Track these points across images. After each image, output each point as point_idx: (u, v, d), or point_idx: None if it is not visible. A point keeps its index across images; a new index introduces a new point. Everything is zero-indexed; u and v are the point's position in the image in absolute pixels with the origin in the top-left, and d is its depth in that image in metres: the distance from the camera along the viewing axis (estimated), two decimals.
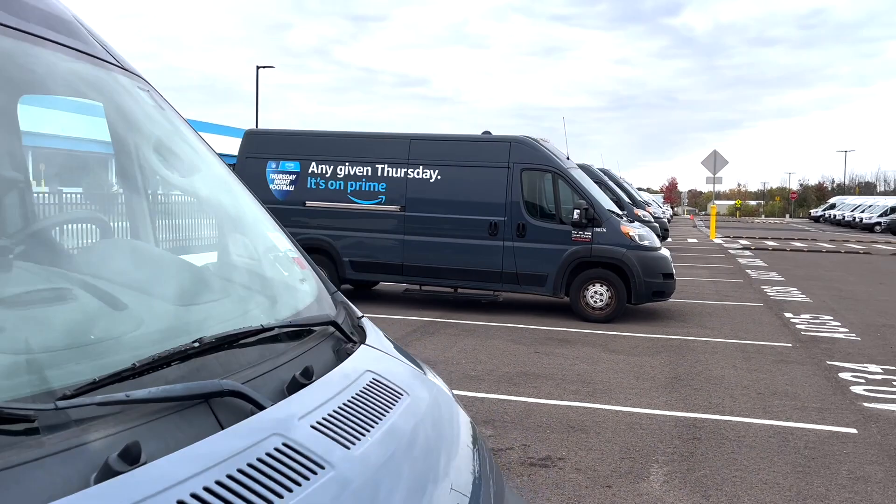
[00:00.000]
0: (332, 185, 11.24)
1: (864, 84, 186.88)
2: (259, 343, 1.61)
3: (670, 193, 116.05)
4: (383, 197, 11.04)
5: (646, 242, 10.38)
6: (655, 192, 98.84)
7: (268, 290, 2.01)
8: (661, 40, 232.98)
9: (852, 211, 59.42)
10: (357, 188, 11.15)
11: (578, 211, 10.15)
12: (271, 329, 1.65)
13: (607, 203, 10.93)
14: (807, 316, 11.16)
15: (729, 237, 33.96)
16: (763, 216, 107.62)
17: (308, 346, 1.75)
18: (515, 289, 10.68)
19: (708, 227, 48.57)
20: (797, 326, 10.23)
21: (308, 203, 11.27)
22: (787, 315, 11.21)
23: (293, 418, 1.36)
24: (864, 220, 52.97)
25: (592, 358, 8.04)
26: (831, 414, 6.10)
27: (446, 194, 10.83)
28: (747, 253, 24.21)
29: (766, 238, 34.34)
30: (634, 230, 10.41)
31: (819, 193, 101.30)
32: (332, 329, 1.89)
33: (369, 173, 11.11)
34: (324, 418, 1.42)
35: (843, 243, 31.36)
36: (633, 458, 4.99)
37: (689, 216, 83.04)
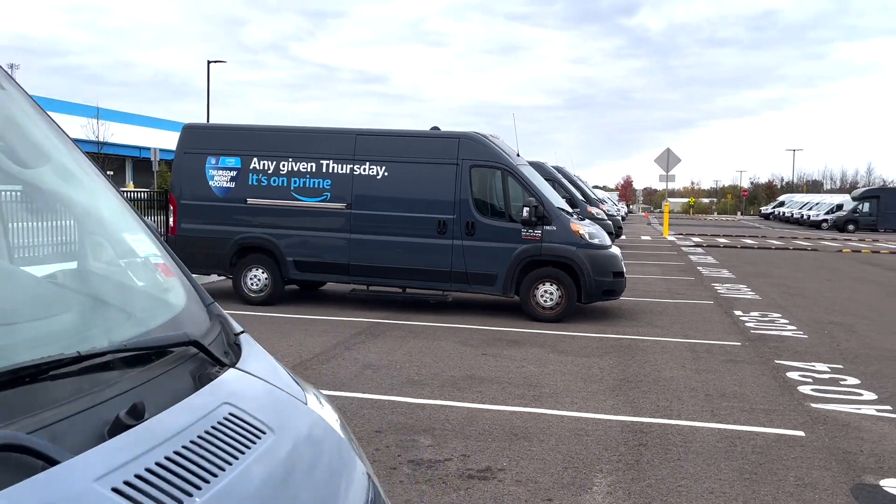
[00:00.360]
0: (274, 181, 10.82)
1: (811, 85, 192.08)
2: (81, 373, 1.29)
3: (626, 191, 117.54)
4: (328, 194, 10.68)
5: (596, 241, 10.23)
6: (612, 190, 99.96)
7: (117, 305, 1.68)
8: (617, 40, 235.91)
9: (800, 208, 60.85)
10: (301, 185, 10.76)
11: (528, 209, 9.94)
12: (99, 354, 1.33)
13: (557, 201, 10.75)
14: (756, 314, 11.16)
15: (682, 234, 34.36)
16: (716, 214, 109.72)
17: (154, 373, 1.44)
18: (465, 288, 10.43)
19: (662, 224, 49.18)
20: (746, 325, 10.19)
21: (250, 200, 10.83)
22: (737, 313, 11.19)
23: (89, 478, 1.05)
24: (812, 218, 54.30)
25: (541, 360, 7.83)
26: (779, 416, 5.98)
27: (394, 191, 10.52)
28: (699, 250, 24.44)
29: (718, 235, 34.84)
30: (584, 228, 10.25)
31: (769, 191, 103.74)
32: (194, 350, 1.58)
33: (314, 170, 10.73)
34: (138, 475, 1.11)
35: (791, 240, 31.98)
36: (576, 467, 4.77)
37: (643, 214, 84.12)
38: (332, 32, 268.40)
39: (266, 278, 10.90)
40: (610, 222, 20.97)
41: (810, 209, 57.70)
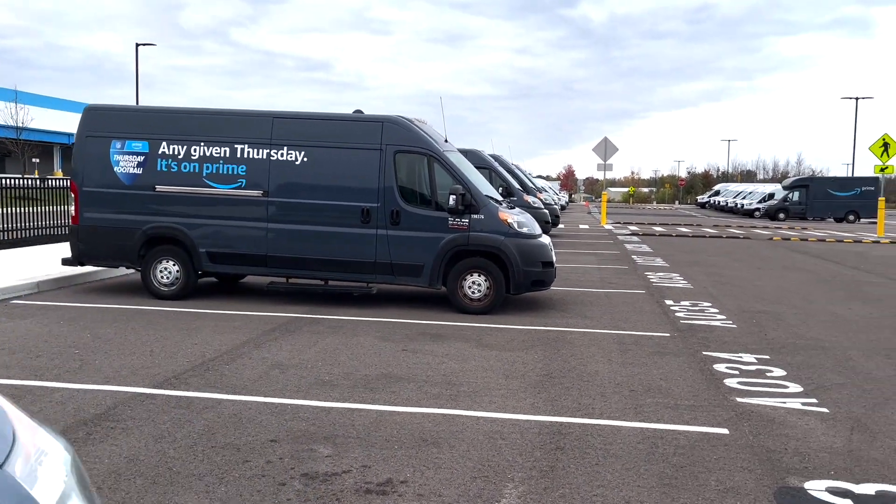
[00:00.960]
0: (185, 167, 10.12)
1: (746, 78, 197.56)
2: None
3: (567, 181, 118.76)
4: (244, 181, 10.04)
5: (525, 230, 9.88)
6: (554, 180, 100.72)
7: None
8: (560, 31, 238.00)
9: (735, 197, 62.40)
10: (214, 171, 10.09)
11: (454, 196, 9.51)
12: None
13: (486, 189, 10.36)
14: (687, 303, 11.02)
15: (619, 223, 34.61)
16: (654, 203, 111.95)
17: None
18: (390, 280, 9.96)
19: (601, 213, 49.64)
20: (677, 314, 10.02)
21: (158, 188, 10.11)
22: (668, 302, 11.04)
23: None
24: (745, 206, 55.71)
25: (463, 355, 7.43)
26: (704, 412, 5.72)
27: (314, 178, 9.95)
28: (635, 239, 24.53)
29: (655, 224, 35.23)
30: (513, 217, 9.89)
31: (705, 180, 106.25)
32: None
33: (228, 155, 10.07)
34: None
35: (725, 228, 32.53)
36: (486, 476, 4.37)
37: (584, 203, 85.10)
38: (274, 18, 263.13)
39: (177, 271, 10.20)
40: (546, 211, 20.80)
41: (744, 198, 59.21)
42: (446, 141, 10.63)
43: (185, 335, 8.07)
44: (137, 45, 42.02)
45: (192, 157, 10.12)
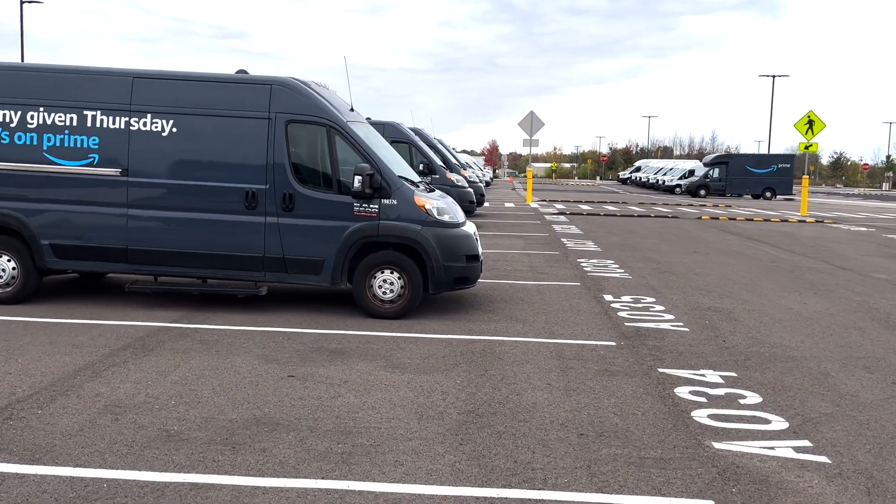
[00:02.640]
0: (19, 138, 8.04)
1: (662, 56, 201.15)
2: None
3: (492, 156, 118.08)
4: (96, 156, 8.05)
5: (446, 217, 8.30)
6: (478, 155, 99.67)
7: None
8: (483, 4, 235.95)
9: (656, 174, 62.76)
10: (57, 143, 8.05)
11: (360, 178, 7.83)
12: None
13: (400, 167, 8.72)
14: (628, 298, 9.74)
15: (545, 201, 33.58)
16: (576, 178, 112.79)
17: None
18: (283, 279, 8.22)
19: (526, 190, 48.74)
20: (619, 314, 8.70)
21: None
22: (607, 298, 9.73)
23: None
24: (667, 183, 55.97)
25: (366, 382, 5.83)
26: (677, 471, 4.32)
27: (185, 153, 8.07)
28: (562, 219, 23.41)
29: (581, 202, 34.38)
30: (432, 202, 8.29)
31: (626, 157, 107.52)
32: None
33: (75, 123, 8.05)
34: None
35: (651, 206, 31.94)
36: None
37: (508, 179, 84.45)
38: None
39: (13, 268, 8.15)
40: (471, 189, 19.33)
41: (664, 174, 59.54)
42: (352, 110, 8.90)
43: (5, 357, 6.16)
44: (22, 1, 38.01)
45: (29, 126, 8.04)
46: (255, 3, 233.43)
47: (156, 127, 8.03)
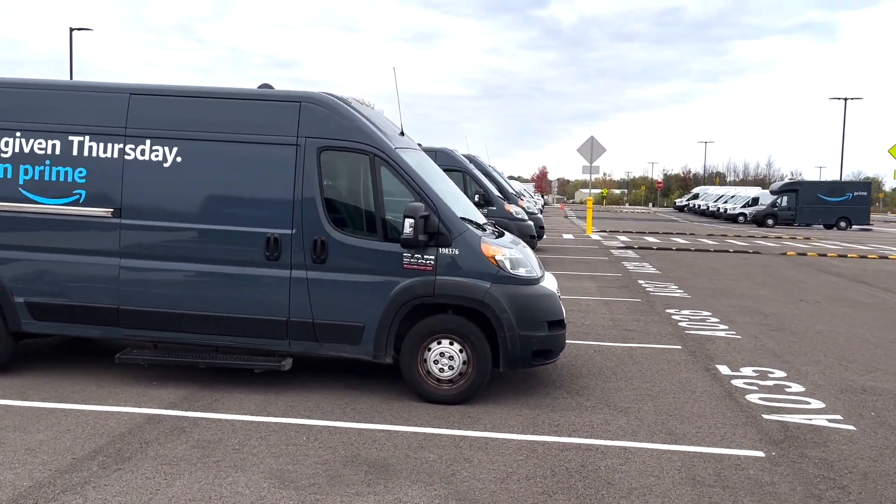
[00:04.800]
0: None
1: (713, 80, 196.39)
2: None
3: (541, 182, 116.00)
4: (82, 192, 6.41)
5: (521, 271, 6.38)
6: (527, 181, 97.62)
7: None
8: (530, 31, 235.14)
9: (716, 201, 59.77)
10: (36, 177, 6.44)
11: (412, 221, 5.99)
12: None
13: (463, 207, 6.87)
14: (749, 371, 7.63)
15: (606, 232, 31.35)
16: (627, 205, 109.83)
17: None
18: (313, 348, 6.40)
19: (580, 217, 46.44)
20: (748, 398, 6.62)
21: None
22: (723, 370, 7.64)
23: None
24: (729, 211, 52.95)
25: None
26: None
27: (191, 189, 6.37)
28: (631, 254, 21.21)
29: (644, 233, 32.04)
30: (504, 251, 6.39)
31: (683, 183, 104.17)
32: None
33: (58, 151, 6.43)
34: None
35: (723, 239, 29.39)
36: None
37: (560, 206, 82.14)
38: (241, 14, 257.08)
39: None
40: (531, 223, 17.38)
41: (726, 202, 56.54)
42: (402, 134, 7.11)
43: None
44: (71, 29, 37.85)
45: (3, 155, 6.45)
46: (306, 33, 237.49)
47: (156, 156, 6.35)
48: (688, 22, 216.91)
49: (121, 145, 6.37)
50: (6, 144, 6.44)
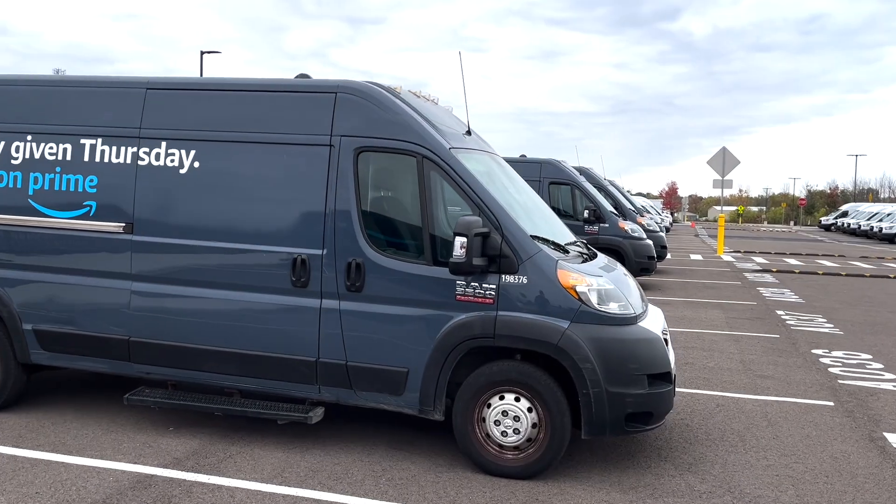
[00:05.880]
0: (0, 179, 5.74)
1: (862, 90, 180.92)
2: None
3: (670, 199, 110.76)
4: (93, 204, 5.54)
5: (613, 307, 4.85)
6: (655, 198, 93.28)
7: None
8: (660, 45, 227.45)
9: (868, 219, 53.96)
10: (46, 186, 5.65)
11: (464, 239, 4.63)
12: None
13: (539, 222, 5.45)
14: None
15: (739, 252, 28.43)
16: (766, 223, 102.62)
17: None
18: (346, 396, 5.16)
19: (711, 236, 43.01)
20: None
21: None
22: (895, 442, 5.70)
23: None
24: (885, 230, 47.40)
25: None
26: None
27: (208, 200, 5.34)
28: (768, 278, 18.67)
29: (784, 253, 28.79)
30: (588, 279, 4.87)
31: (829, 200, 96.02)
32: None
33: (69, 156, 5.61)
34: None
35: (881, 262, 25.75)
36: None
37: (690, 223, 77.63)
38: (372, 39, 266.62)
39: None
40: (650, 242, 15.47)
41: (880, 220, 50.79)
42: (468, 133, 5.78)
43: None
44: (202, 52, 39.49)
45: (13, 162, 5.72)
46: (433, 55, 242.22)
47: (171, 160, 5.38)
48: (833, 29, 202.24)
49: (134, 149, 5.46)
50: (17, 150, 5.69)
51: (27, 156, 5.66)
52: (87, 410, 5.94)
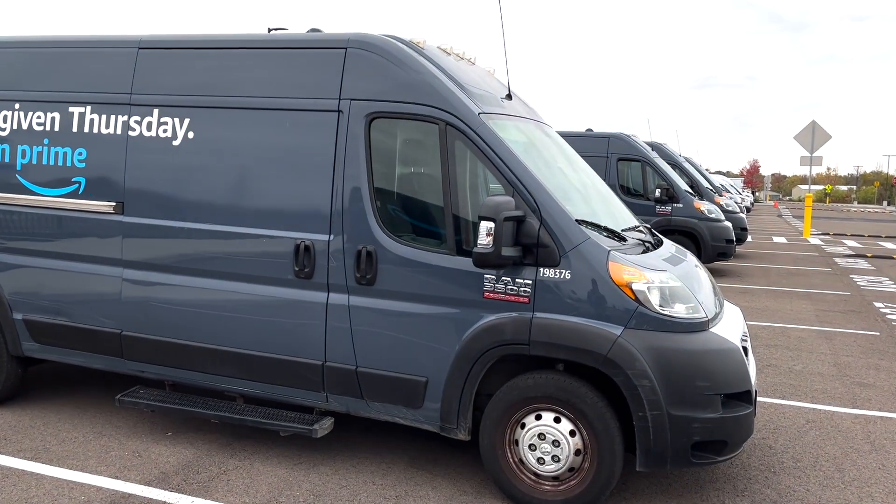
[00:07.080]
0: None
1: None
2: None
3: (751, 177, 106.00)
4: (82, 180, 4.93)
5: (679, 310, 3.90)
6: (735, 176, 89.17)
7: None
8: (748, 15, 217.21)
9: None
10: (34, 160, 5.07)
11: (491, 225, 3.76)
12: None
13: (591, 205, 4.54)
14: None
15: (828, 235, 26.38)
16: (856, 203, 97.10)
17: None
18: (356, 407, 4.40)
19: (796, 217, 40.42)
20: None
21: None
22: None
23: None
24: None
25: None
26: None
27: (202, 176, 4.64)
28: (863, 264, 16.98)
29: (880, 236, 26.55)
30: (648, 275, 3.93)
31: None
32: None
33: (57, 126, 5.01)
34: None
35: None
36: None
37: (772, 203, 73.89)
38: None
39: None
40: (728, 224, 14.13)
41: None
42: (509, 97, 4.87)
43: None
44: (269, 28, 39.46)
45: (1, 134, 5.17)
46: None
47: (164, 131, 4.70)
48: None
49: (125, 117, 4.80)
50: (4, 119, 5.14)
51: (14, 126, 5.10)
52: (84, 408, 5.41)
